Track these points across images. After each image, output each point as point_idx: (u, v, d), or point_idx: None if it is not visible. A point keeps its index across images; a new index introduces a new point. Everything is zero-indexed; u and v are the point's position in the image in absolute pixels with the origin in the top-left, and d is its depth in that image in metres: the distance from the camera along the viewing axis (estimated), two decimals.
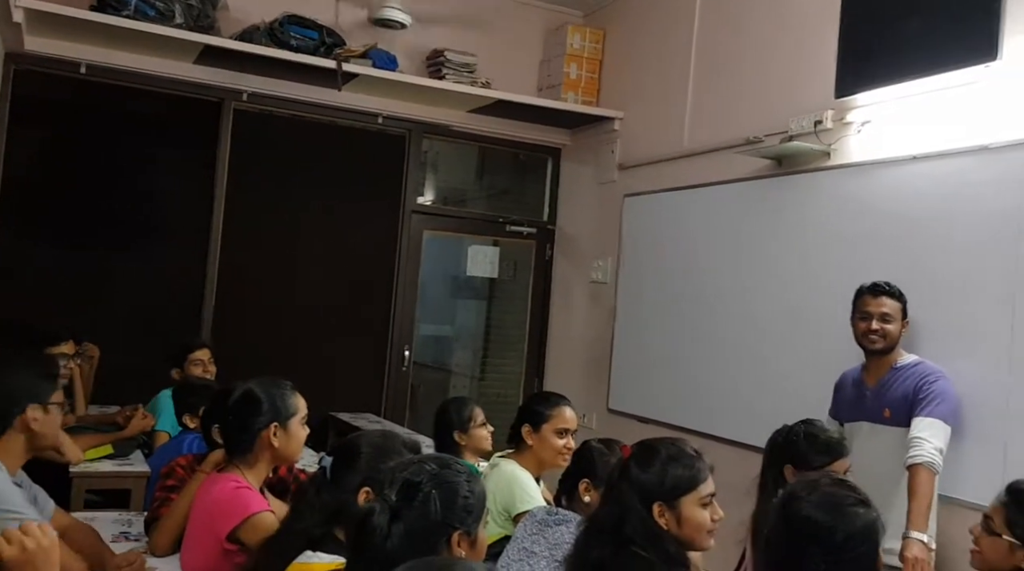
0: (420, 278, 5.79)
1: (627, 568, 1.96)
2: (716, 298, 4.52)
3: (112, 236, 4.96)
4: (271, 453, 2.40)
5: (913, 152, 3.55)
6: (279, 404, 2.40)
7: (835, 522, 1.69)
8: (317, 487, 1.98)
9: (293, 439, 2.41)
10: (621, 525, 1.97)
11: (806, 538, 1.69)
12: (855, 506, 1.72)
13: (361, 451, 2.00)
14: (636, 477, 2.00)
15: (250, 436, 2.38)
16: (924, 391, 3.06)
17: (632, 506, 1.97)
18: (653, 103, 5.20)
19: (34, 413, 2.16)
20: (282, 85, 5.17)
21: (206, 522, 2.31)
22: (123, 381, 4.36)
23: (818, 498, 1.73)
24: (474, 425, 3.29)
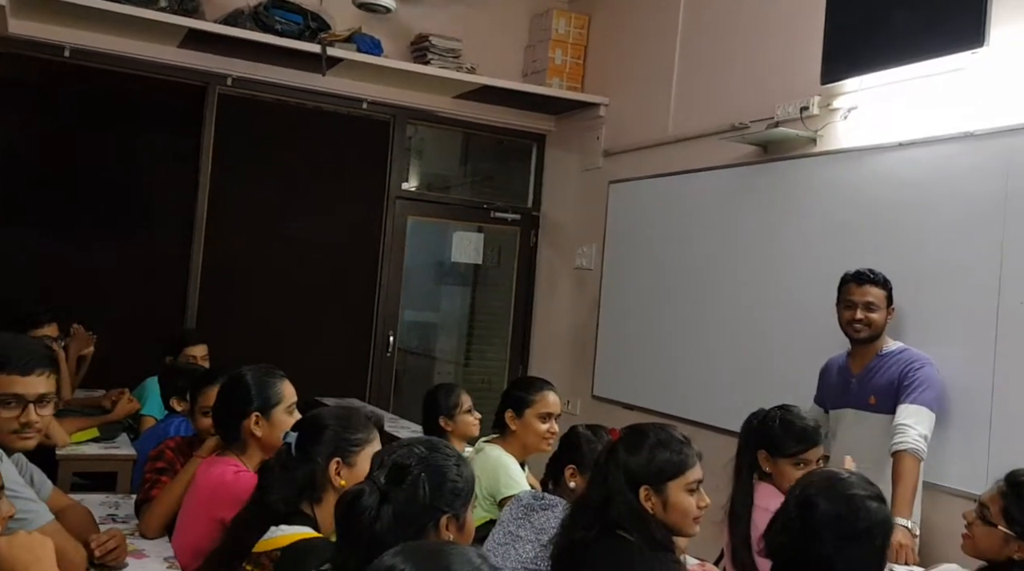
0: (405, 264, 5.77)
1: (612, 550, 1.97)
2: (701, 285, 4.53)
3: (96, 221, 4.91)
4: (257, 442, 2.37)
5: (899, 138, 3.56)
6: (262, 392, 2.37)
7: (854, 512, 1.72)
8: (283, 463, 1.96)
9: (277, 428, 2.35)
10: (607, 507, 1.98)
11: (820, 526, 1.71)
12: (871, 499, 1.75)
13: (326, 424, 1.99)
14: (624, 460, 2.00)
15: (235, 424, 2.37)
16: (909, 378, 3.07)
17: (618, 489, 1.98)
18: (638, 89, 5.19)
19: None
20: (267, 70, 5.13)
21: (205, 505, 2.29)
22: (108, 366, 4.32)
23: (836, 490, 1.76)
24: (460, 411, 3.29)
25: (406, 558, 1.20)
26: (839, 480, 1.78)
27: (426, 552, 1.24)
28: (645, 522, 1.98)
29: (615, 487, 1.99)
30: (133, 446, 3.59)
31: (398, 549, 1.24)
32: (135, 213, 5.00)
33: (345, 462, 1.94)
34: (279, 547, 1.81)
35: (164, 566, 2.28)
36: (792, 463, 2.55)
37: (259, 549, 1.83)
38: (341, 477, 1.92)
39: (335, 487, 1.92)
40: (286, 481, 1.92)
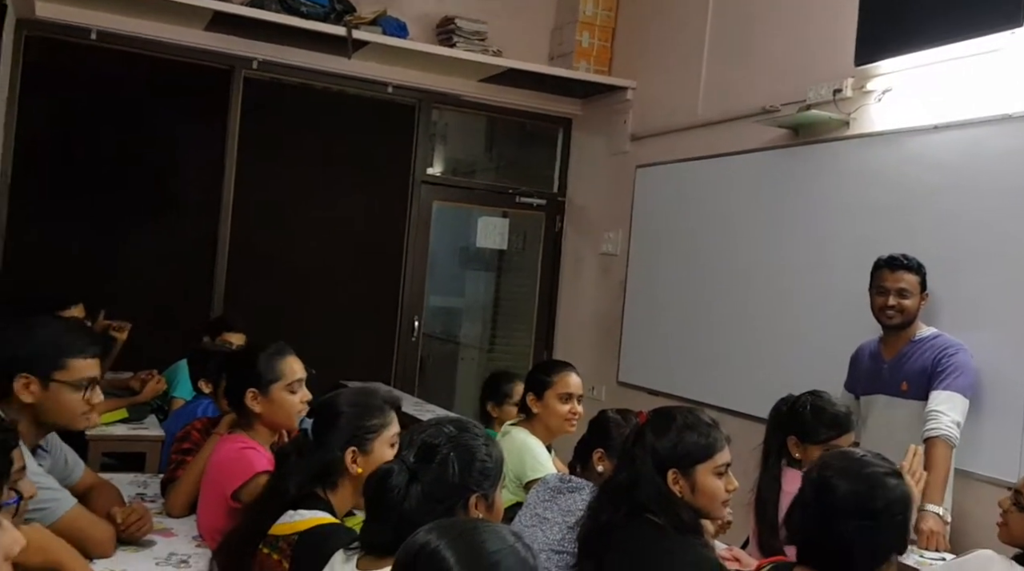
0: (429, 249, 5.76)
1: (640, 533, 1.95)
2: (729, 270, 4.48)
3: (123, 204, 4.94)
4: (257, 418, 2.35)
5: (934, 121, 3.50)
6: (259, 369, 2.34)
7: (872, 490, 1.68)
8: (299, 449, 1.96)
9: (276, 405, 2.33)
10: (634, 490, 1.97)
11: (839, 507, 1.67)
12: (889, 476, 1.72)
13: (342, 411, 1.98)
14: (651, 443, 1.99)
15: (237, 399, 2.37)
16: (943, 364, 3.02)
17: (646, 472, 1.97)
18: (667, 72, 5.13)
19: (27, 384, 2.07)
20: (292, 53, 5.13)
21: (215, 482, 2.31)
22: (135, 348, 4.35)
23: (852, 468, 1.72)
24: (509, 402, 3.28)
25: (440, 535, 1.20)
26: (854, 459, 1.75)
27: (460, 530, 1.23)
28: (672, 505, 1.96)
29: (642, 470, 1.97)
30: (162, 427, 3.63)
31: (432, 526, 1.23)
32: (162, 196, 5.02)
33: (361, 450, 1.94)
34: (297, 531, 1.82)
35: (192, 544, 2.30)
36: (823, 450, 2.51)
37: (276, 532, 1.84)
38: (358, 465, 1.93)
39: (351, 474, 1.93)
40: (302, 468, 1.92)
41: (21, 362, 2.07)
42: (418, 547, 1.20)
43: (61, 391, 2.09)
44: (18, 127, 4.64)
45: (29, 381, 2.06)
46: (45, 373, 2.07)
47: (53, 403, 2.10)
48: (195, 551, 2.25)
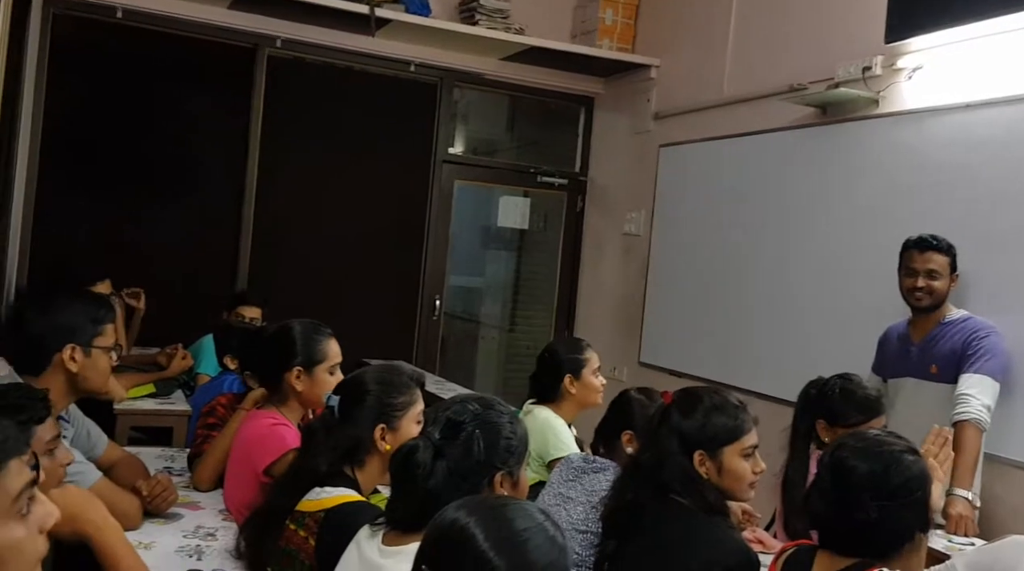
0: (451, 228, 5.75)
1: (666, 514, 1.94)
2: (754, 251, 4.44)
3: (149, 182, 4.97)
4: (297, 396, 2.39)
5: (966, 99, 3.44)
6: (305, 348, 2.38)
7: (888, 468, 1.66)
8: (327, 427, 1.97)
9: (317, 385, 2.37)
10: (660, 470, 1.96)
11: (856, 488, 1.65)
12: (905, 453, 1.69)
13: (368, 389, 1.98)
14: (678, 424, 1.98)
15: (277, 377, 2.39)
16: (973, 347, 2.98)
17: (672, 452, 1.96)
18: (691, 49, 5.07)
19: (72, 354, 2.15)
20: (315, 31, 5.12)
21: (245, 457, 2.32)
22: (162, 324, 4.39)
23: (867, 448, 1.70)
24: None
25: (470, 512, 1.19)
26: (868, 438, 1.73)
27: (489, 507, 1.22)
28: (698, 486, 1.95)
29: (668, 451, 1.96)
30: (188, 402, 3.66)
31: (461, 503, 1.23)
32: (187, 174, 5.04)
33: (389, 427, 1.95)
34: (324, 508, 1.82)
35: (219, 518, 2.32)
36: None
37: (303, 509, 1.85)
38: (386, 442, 1.93)
39: (380, 451, 1.93)
40: (330, 445, 1.92)
41: (66, 333, 2.15)
42: (447, 523, 1.20)
43: (100, 357, 2.20)
44: (45, 104, 4.66)
45: (74, 350, 2.15)
46: (88, 340, 2.18)
47: (92, 369, 2.19)
48: (222, 524, 2.27)
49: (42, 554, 1.18)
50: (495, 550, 1.15)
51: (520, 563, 1.16)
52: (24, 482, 1.14)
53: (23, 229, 4.58)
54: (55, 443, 1.84)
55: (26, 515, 1.15)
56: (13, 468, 1.14)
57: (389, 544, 1.57)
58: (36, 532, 1.17)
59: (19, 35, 3.98)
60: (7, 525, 1.12)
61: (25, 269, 4.58)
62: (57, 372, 2.15)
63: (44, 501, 1.19)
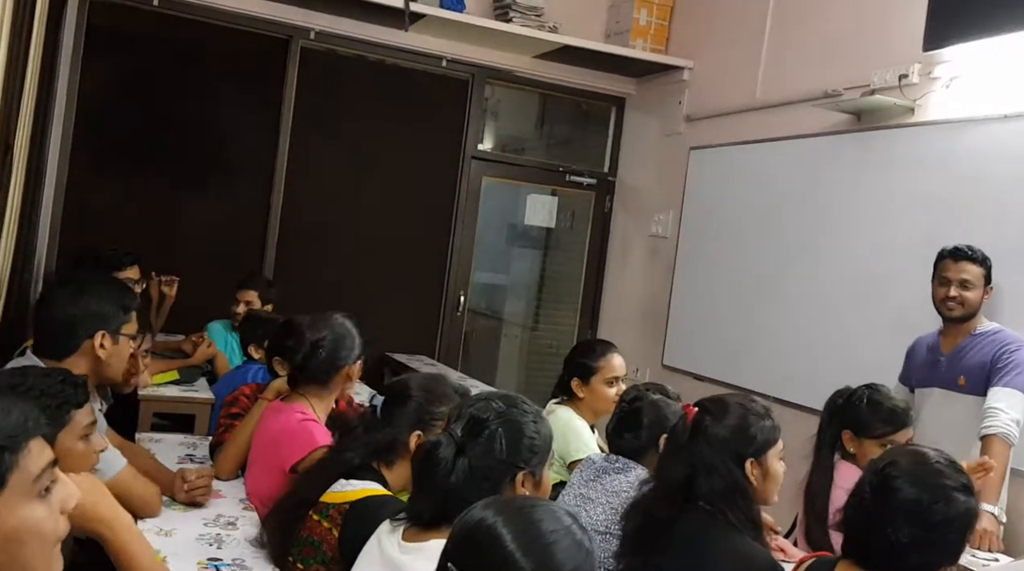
0: (478, 225, 5.75)
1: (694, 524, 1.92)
2: (783, 257, 4.40)
3: (180, 170, 5.02)
4: (340, 389, 2.46)
5: (1004, 111, 3.39)
6: (358, 343, 2.45)
7: (935, 502, 1.60)
8: (367, 425, 1.99)
9: (356, 376, 2.49)
10: (698, 484, 1.94)
11: (896, 510, 1.61)
12: (958, 491, 1.62)
13: (412, 394, 2.01)
14: (721, 435, 1.95)
15: (334, 371, 2.41)
16: (1004, 360, 2.94)
17: (719, 465, 1.93)
18: (725, 52, 5.03)
19: (102, 340, 2.17)
20: (349, 24, 5.13)
21: (272, 451, 2.33)
22: (187, 312, 4.43)
23: (920, 474, 1.64)
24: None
25: (497, 512, 1.19)
26: (927, 464, 1.65)
27: (517, 507, 1.22)
28: (748, 498, 1.94)
29: (713, 464, 1.93)
30: (211, 390, 3.67)
31: (489, 502, 1.22)
32: (217, 163, 5.08)
33: (426, 434, 1.95)
34: (348, 500, 1.83)
35: (240, 507, 2.33)
36: (879, 444, 2.46)
37: (328, 500, 1.86)
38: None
39: (412, 455, 1.92)
40: (366, 442, 1.95)
41: (98, 320, 2.18)
42: (475, 523, 1.19)
43: (125, 344, 2.24)
44: (80, 90, 4.71)
45: (104, 337, 2.18)
46: (116, 328, 2.21)
47: (117, 357, 2.23)
48: (243, 514, 2.28)
49: (62, 536, 1.17)
50: (522, 551, 1.15)
51: (546, 565, 1.15)
52: (45, 462, 1.14)
53: (54, 212, 4.63)
54: (91, 428, 1.85)
55: (46, 496, 1.14)
56: (34, 448, 1.13)
57: (409, 540, 1.57)
58: (57, 513, 1.16)
59: (56, 20, 4.02)
60: (28, 505, 1.12)
61: (55, 253, 4.63)
62: (82, 358, 2.16)
63: (66, 482, 1.19)
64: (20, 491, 1.11)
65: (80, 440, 1.77)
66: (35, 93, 3.47)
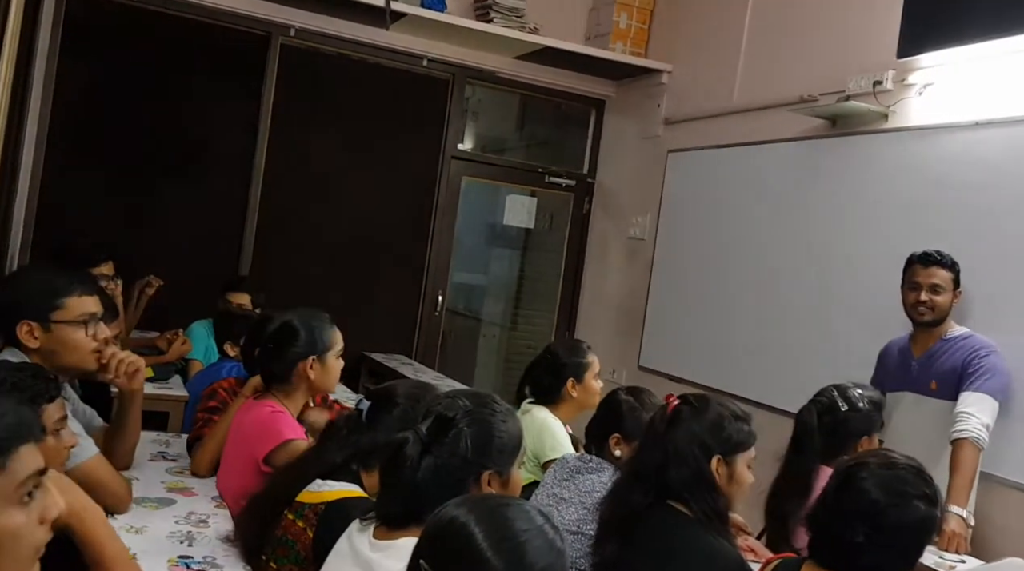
0: (456, 224, 5.75)
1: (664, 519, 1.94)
2: (758, 260, 4.44)
3: (157, 166, 4.97)
4: (307, 384, 2.43)
5: (976, 118, 3.44)
6: (317, 337, 2.42)
7: (891, 506, 1.61)
8: (350, 427, 1.98)
9: (329, 372, 2.44)
10: (671, 473, 1.95)
11: (855, 509, 1.63)
12: (918, 499, 1.63)
13: (398, 401, 1.99)
14: (694, 428, 1.98)
15: (287, 367, 2.40)
16: (974, 365, 2.98)
17: (688, 455, 1.95)
18: (704, 56, 5.07)
19: (30, 330, 2.12)
20: (330, 22, 5.12)
21: (242, 445, 2.33)
22: (163, 308, 4.40)
23: (884, 478, 1.65)
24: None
25: (469, 511, 1.20)
26: (892, 468, 1.66)
27: (489, 506, 1.23)
28: (712, 491, 1.95)
29: (683, 453, 1.96)
30: (185, 388, 3.65)
31: (461, 500, 1.23)
32: (194, 159, 5.04)
33: None
34: (324, 501, 1.83)
35: (212, 505, 2.32)
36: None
37: (304, 500, 1.85)
38: None
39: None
40: (348, 444, 1.94)
41: (18, 309, 2.12)
42: (448, 520, 1.20)
43: (63, 331, 2.15)
44: (56, 85, 4.66)
45: (31, 327, 2.11)
46: (43, 316, 2.12)
47: (59, 345, 2.15)
48: (214, 511, 2.26)
49: (40, 546, 1.14)
50: (493, 550, 1.15)
51: (517, 564, 1.16)
52: (33, 469, 1.12)
53: (28, 209, 4.57)
54: (62, 424, 1.83)
55: (28, 502, 1.12)
56: (24, 454, 1.11)
57: (380, 538, 1.56)
58: (36, 522, 1.13)
59: (32, 14, 3.98)
60: (7, 511, 1.09)
61: (28, 249, 4.58)
62: (22, 348, 2.12)
63: (51, 492, 1.16)
64: (1, 495, 1.09)
65: (50, 435, 1.75)
66: (10, 88, 3.43)
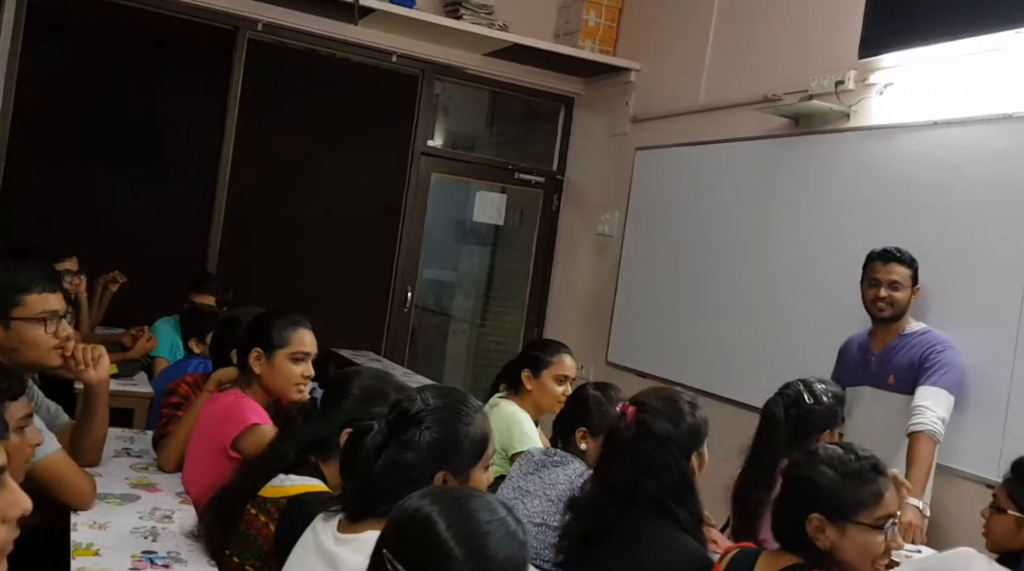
0: (426, 221, 5.75)
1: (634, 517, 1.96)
2: (723, 257, 4.49)
3: (120, 160, 4.93)
4: (257, 379, 2.39)
5: (935, 117, 3.50)
6: (270, 332, 2.38)
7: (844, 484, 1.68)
8: (305, 416, 1.98)
9: (277, 371, 2.37)
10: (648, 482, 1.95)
11: (810, 498, 1.68)
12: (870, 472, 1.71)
13: (351, 391, 1.98)
14: (668, 432, 1.97)
15: (242, 357, 2.39)
16: (931, 360, 3.04)
17: (669, 461, 1.96)
18: (671, 55, 5.11)
19: None
20: (298, 17, 5.10)
21: (209, 433, 2.32)
22: (128, 305, 4.36)
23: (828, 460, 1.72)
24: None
25: (433, 502, 1.21)
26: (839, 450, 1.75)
27: (453, 497, 1.24)
28: (694, 494, 1.97)
29: (663, 462, 1.95)
30: (151, 385, 3.63)
31: (425, 492, 1.24)
32: (160, 154, 5.01)
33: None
34: (286, 496, 1.82)
35: (177, 500, 2.31)
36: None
37: (266, 495, 1.85)
38: None
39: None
40: (302, 434, 1.93)
41: None
42: (411, 511, 1.21)
43: (23, 328, 2.13)
44: (19, 78, 4.60)
45: None
46: (2, 313, 2.11)
47: (19, 342, 2.13)
48: (179, 507, 2.25)
49: (5, 544, 1.11)
50: (455, 540, 1.16)
51: (479, 555, 1.17)
52: None
53: None
54: (26, 421, 1.81)
55: None
56: None
57: (343, 531, 1.56)
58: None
59: None
60: None
61: None
62: None
63: (14, 490, 1.12)
64: None
65: (14, 432, 1.74)
66: None
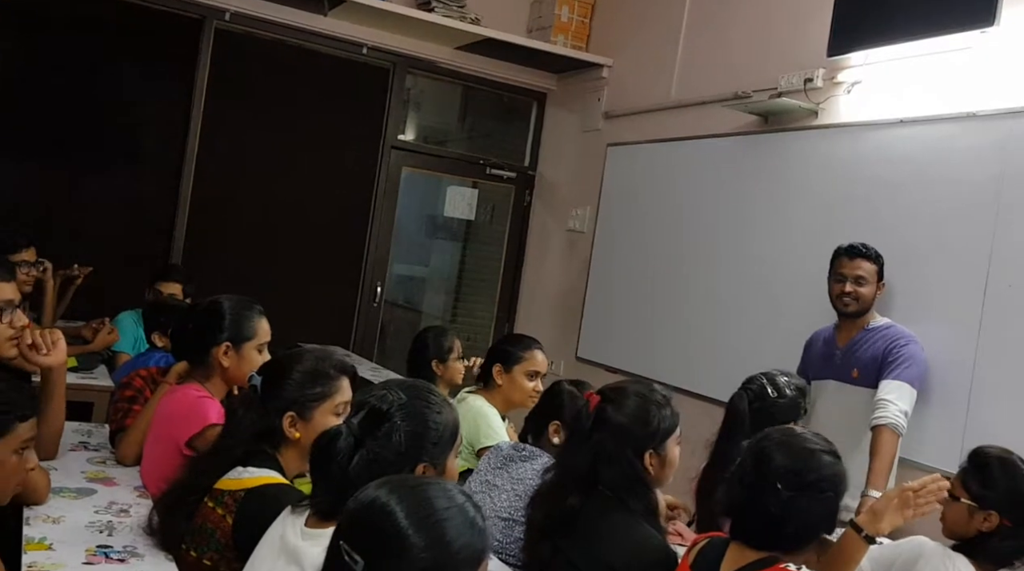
0: (396, 215, 5.72)
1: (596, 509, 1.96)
2: (693, 252, 4.51)
3: (83, 150, 4.84)
4: (222, 372, 2.35)
5: (901, 115, 3.54)
6: (237, 324, 2.35)
7: (805, 464, 1.70)
8: (247, 406, 1.94)
9: (245, 362, 2.34)
10: (602, 474, 1.96)
11: (771, 477, 1.69)
12: (824, 453, 1.73)
13: (288, 374, 1.93)
14: (624, 425, 1.98)
15: (204, 350, 2.35)
16: (894, 354, 3.08)
17: (618, 455, 1.96)
18: (643, 52, 5.12)
19: None
20: (266, 6, 5.04)
21: (166, 428, 2.28)
22: (90, 297, 4.29)
23: (788, 442, 1.74)
24: (452, 357, 3.29)
25: (390, 491, 1.20)
26: (794, 435, 1.78)
27: (410, 485, 1.23)
28: (646, 488, 1.98)
29: (614, 454, 1.96)
30: (112, 378, 3.57)
31: (382, 481, 1.23)
32: (125, 145, 4.93)
33: (301, 417, 1.89)
34: (244, 488, 1.80)
35: (134, 494, 2.28)
36: None
37: (223, 487, 1.82)
38: (296, 430, 1.89)
39: (291, 439, 1.89)
40: (246, 426, 1.89)
41: None
42: (368, 501, 1.20)
43: None
44: None
45: None
46: None
47: None
48: (136, 501, 2.23)
49: None
50: (414, 527, 1.15)
51: (437, 541, 1.16)
52: None
53: None
54: (29, 444, 1.78)
55: None
56: None
57: (311, 527, 1.55)
58: None
59: None
60: None
61: None
62: None
63: None
64: None
65: (14, 453, 1.71)
66: None
